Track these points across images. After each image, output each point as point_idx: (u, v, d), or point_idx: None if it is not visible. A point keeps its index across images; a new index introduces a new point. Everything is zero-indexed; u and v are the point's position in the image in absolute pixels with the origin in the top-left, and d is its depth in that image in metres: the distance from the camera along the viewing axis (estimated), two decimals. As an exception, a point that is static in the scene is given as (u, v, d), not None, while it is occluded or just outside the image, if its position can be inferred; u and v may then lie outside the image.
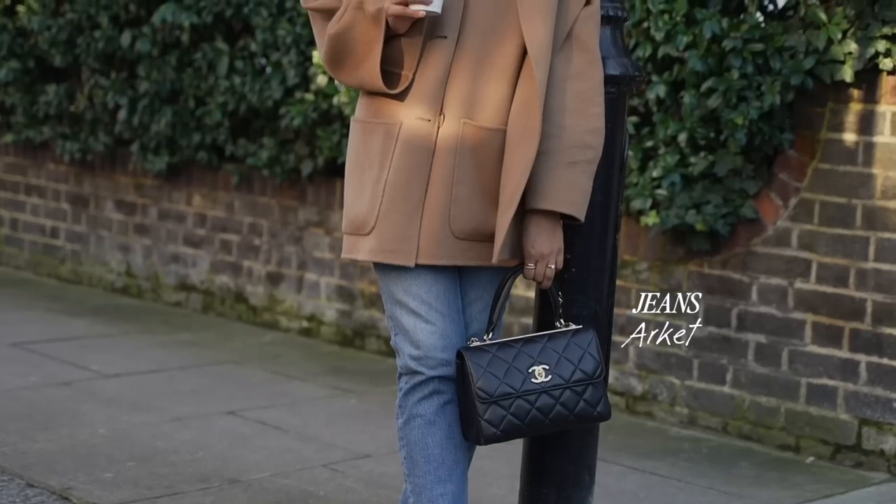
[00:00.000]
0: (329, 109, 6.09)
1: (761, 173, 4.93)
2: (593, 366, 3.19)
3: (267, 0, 6.30)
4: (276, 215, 6.66)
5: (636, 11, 4.95)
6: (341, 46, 3.17)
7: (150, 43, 6.83)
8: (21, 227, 8.10)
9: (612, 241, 3.47)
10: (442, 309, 3.18)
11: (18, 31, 7.72)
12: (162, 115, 6.84)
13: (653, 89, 4.97)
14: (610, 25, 3.42)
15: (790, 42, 4.72)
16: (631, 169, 5.12)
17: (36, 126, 7.73)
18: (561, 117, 3.12)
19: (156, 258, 7.28)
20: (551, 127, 3.11)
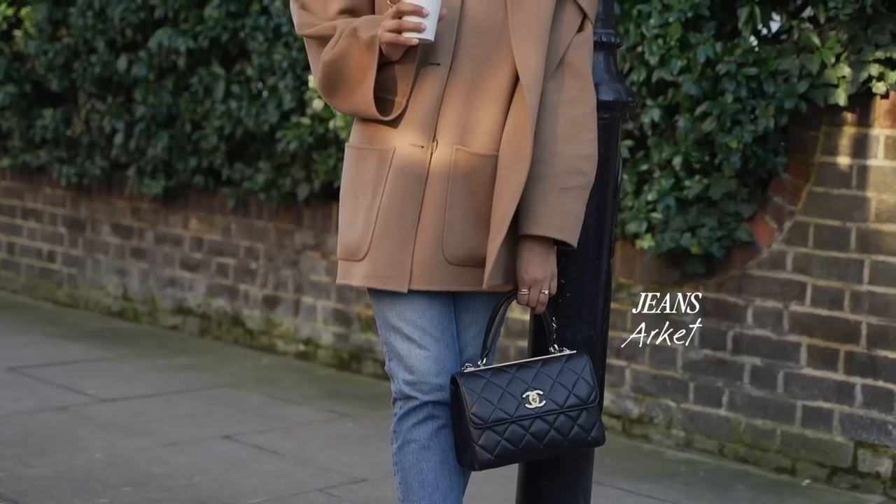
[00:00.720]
0: (325, 133, 6.11)
1: (756, 196, 4.94)
2: (587, 391, 3.19)
3: (263, 25, 6.32)
4: (272, 239, 6.67)
5: (630, 36, 4.97)
6: (335, 73, 3.18)
7: (147, 67, 6.85)
8: (18, 251, 8.11)
9: (606, 266, 3.48)
10: (436, 334, 3.19)
11: (15, 56, 7.75)
12: (158, 140, 6.85)
13: (647, 113, 4.98)
14: (603, 51, 3.44)
15: (784, 66, 4.74)
16: (626, 192, 5.13)
17: (33, 150, 7.75)
18: (553, 143, 3.13)
19: (152, 282, 7.29)
20: (544, 153, 3.12)
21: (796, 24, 4.79)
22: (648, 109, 4.98)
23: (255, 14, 6.43)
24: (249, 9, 6.51)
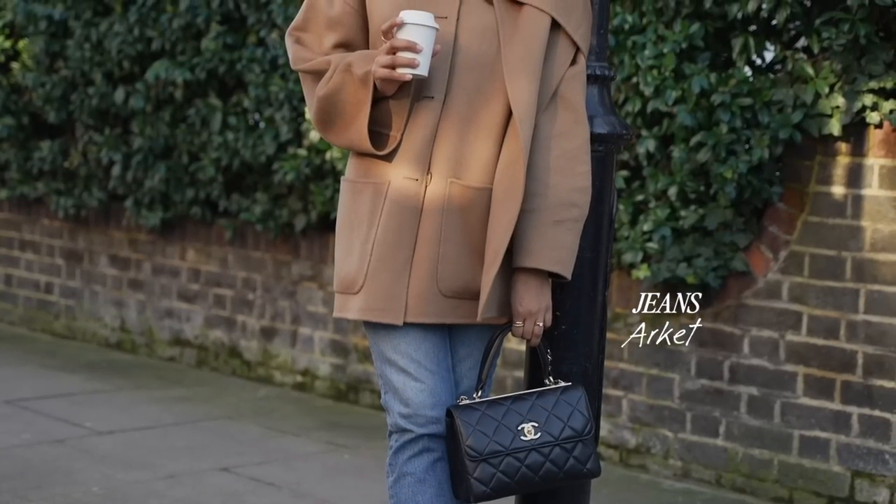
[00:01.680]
0: (322, 165, 6.13)
1: (751, 226, 4.96)
2: (582, 423, 3.20)
3: (260, 57, 6.34)
4: (269, 270, 6.68)
5: (625, 67, 4.99)
6: (330, 108, 3.20)
7: (144, 99, 6.87)
8: (15, 282, 8.12)
9: (601, 298, 3.49)
10: (431, 367, 3.19)
11: (13, 88, 7.77)
12: (156, 171, 6.87)
13: (642, 144, 5.00)
14: (597, 84, 3.46)
15: (778, 96, 4.76)
16: (622, 222, 5.14)
17: (30, 182, 7.76)
18: (546, 176, 3.15)
19: (150, 313, 7.29)
20: (537, 186, 3.14)
21: (790, 54, 4.81)
22: (643, 140, 5.00)
23: (251, 46, 6.46)
24: (246, 41, 6.53)
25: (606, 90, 3.49)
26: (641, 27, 5.03)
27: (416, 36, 3.04)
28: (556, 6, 3.17)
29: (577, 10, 3.22)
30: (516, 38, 3.14)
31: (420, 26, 3.04)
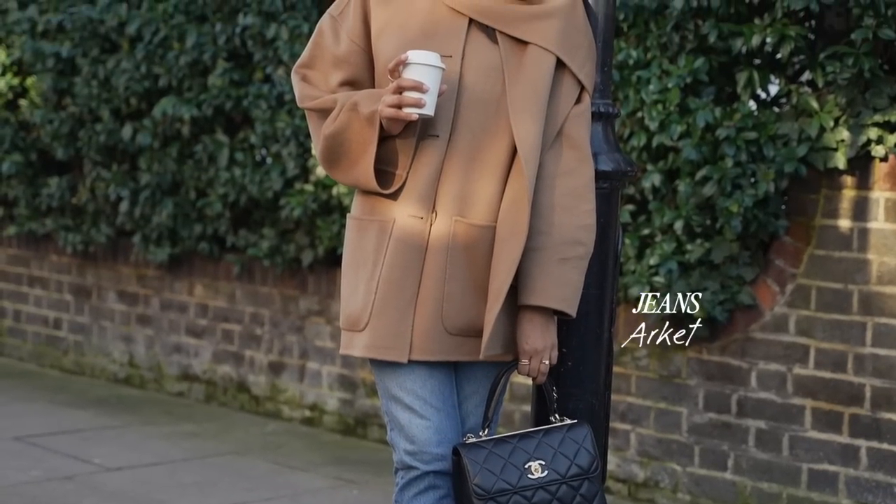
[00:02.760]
0: (328, 200, 6.14)
1: (757, 260, 4.96)
2: (589, 460, 3.20)
3: (266, 93, 6.37)
4: (277, 305, 6.69)
5: (630, 102, 5.00)
6: (336, 147, 3.22)
7: (151, 135, 6.90)
8: (24, 318, 8.13)
9: (607, 335, 3.50)
10: (437, 404, 3.20)
11: (21, 125, 7.80)
12: (163, 207, 6.89)
13: (648, 178, 5.01)
14: (601, 122, 3.48)
15: (783, 130, 4.77)
16: (628, 256, 5.15)
17: (38, 218, 7.79)
18: (551, 214, 3.16)
19: (158, 348, 7.30)
20: (542, 223, 3.15)
21: (795, 88, 4.83)
22: (649, 174, 5.01)
23: (258, 82, 6.49)
24: (252, 77, 6.56)
25: (611, 127, 3.51)
26: (646, 62, 5.05)
27: (422, 76, 3.06)
28: (561, 45, 3.19)
29: (581, 48, 3.24)
30: (521, 76, 3.16)
31: (426, 66, 3.06)
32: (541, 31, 3.18)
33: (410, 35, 3.18)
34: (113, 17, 7.02)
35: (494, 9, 3.19)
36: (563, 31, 3.20)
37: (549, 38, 3.18)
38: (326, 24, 3.31)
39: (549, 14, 3.20)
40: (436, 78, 3.07)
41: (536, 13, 3.19)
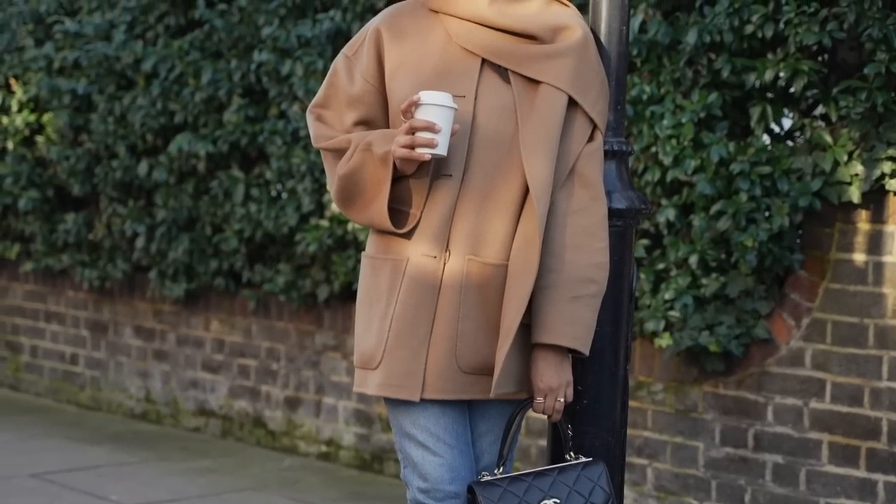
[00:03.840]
0: (344, 235, 6.16)
1: (773, 294, 4.96)
2: (604, 498, 3.21)
3: (281, 129, 6.40)
4: (293, 340, 6.70)
5: (644, 137, 5.01)
6: (351, 186, 3.24)
7: (167, 171, 6.92)
8: (41, 353, 8.15)
9: (623, 372, 3.50)
10: (450, 441, 3.21)
11: (37, 161, 7.84)
12: (179, 243, 6.91)
13: (662, 213, 5.02)
14: (615, 160, 3.48)
15: (797, 164, 4.77)
16: (643, 291, 5.15)
17: (55, 254, 7.81)
18: (563, 252, 3.17)
19: (174, 384, 7.31)
20: (554, 262, 3.16)
21: (808, 122, 4.83)
22: (663, 209, 5.02)
23: (273, 118, 6.52)
24: (267, 113, 6.59)
25: (624, 165, 3.52)
26: (659, 97, 5.06)
27: (434, 116, 3.08)
28: (574, 84, 3.21)
29: (594, 87, 3.26)
30: (533, 115, 3.18)
31: (438, 106, 3.08)
32: (553, 71, 3.20)
33: (423, 75, 3.21)
34: (129, 54, 7.06)
35: (506, 48, 3.22)
36: (575, 70, 3.22)
37: (562, 77, 3.20)
38: (341, 64, 3.34)
39: (561, 53, 3.22)
40: (448, 118, 3.09)
41: (548, 52, 3.22)
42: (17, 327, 8.33)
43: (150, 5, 7.09)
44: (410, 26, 3.28)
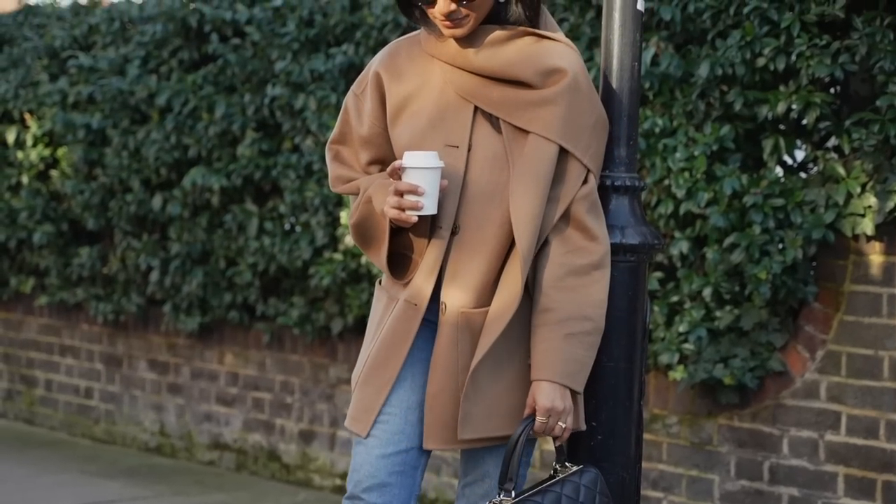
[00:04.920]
0: (357, 269, 6.17)
1: (787, 326, 4.95)
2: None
3: (294, 163, 6.41)
4: (307, 373, 6.70)
5: (657, 170, 5.01)
6: (361, 233, 3.38)
7: (181, 205, 6.94)
8: (55, 387, 8.17)
9: (637, 407, 3.50)
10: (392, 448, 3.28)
11: (52, 196, 7.87)
12: (193, 276, 6.93)
13: (675, 245, 5.01)
14: (628, 195, 3.49)
15: (810, 196, 4.77)
16: (657, 324, 5.14)
17: (69, 288, 7.83)
18: (556, 292, 3.20)
19: (189, 417, 7.31)
20: (548, 301, 3.20)
21: (821, 154, 4.83)
22: (676, 241, 5.01)
23: (286, 152, 6.54)
24: (281, 147, 6.61)
25: (637, 201, 3.52)
26: (672, 130, 5.06)
27: (418, 178, 3.13)
28: (563, 132, 3.20)
29: (586, 129, 3.24)
30: (523, 165, 3.19)
31: (422, 169, 3.12)
32: (541, 120, 3.19)
33: (420, 124, 3.24)
34: (143, 89, 7.09)
35: (497, 96, 3.21)
36: (564, 117, 3.20)
37: (550, 126, 3.19)
38: (350, 103, 3.37)
39: (549, 101, 3.19)
40: (433, 178, 3.13)
41: (536, 100, 3.19)
42: (31, 361, 8.35)
43: (163, 40, 7.12)
44: (409, 68, 3.30)
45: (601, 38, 3.53)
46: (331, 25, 6.38)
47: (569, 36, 5.31)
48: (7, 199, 7.98)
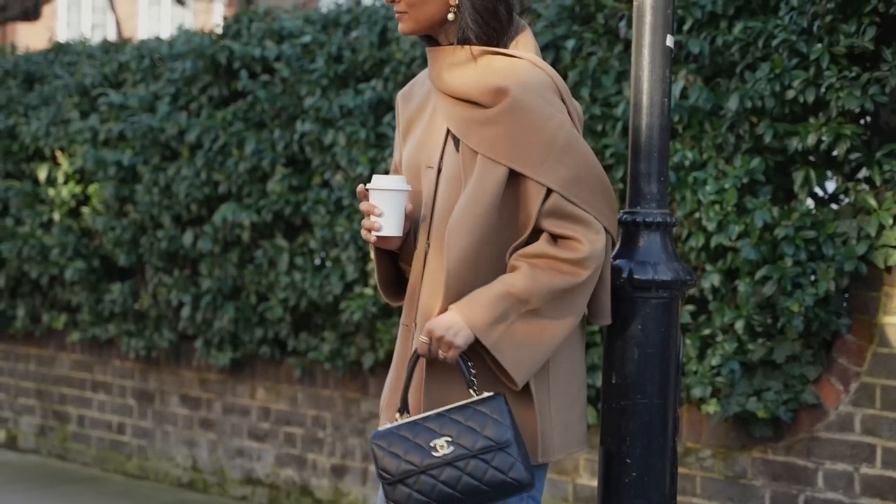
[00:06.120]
0: (388, 303, 6.16)
1: (820, 358, 4.93)
2: (499, 432, 3.11)
3: (325, 198, 6.43)
4: (339, 408, 6.70)
5: (687, 203, 5.01)
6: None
7: (212, 241, 6.97)
8: (88, 423, 8.19)
9: (671, 444, 3.49)
10: None
11: (83, 232, 7.91)
12: (224, 312, 6.94)
13: (707, 278, 5.00)
14: (659, 231, 3.49)
15: (842, 228, 4.75)
16: (689, 357, 5.13)
17: (101, 324, 7.86)
18: (520, 261, 3.21)
19: (221, 452, 7.32)
20: (512, 265, 3.24)
21: (852, 186, 4.82)
22: (708, 274, 5.00)
23: (316, 188, 6.56)
24: (311, 182, 6.63)
25: (669, 236, 3.52)
26: (702, 163, 5.06)
27: (377, 199, 3.24)
28: (509, 152, 3.19)
29: (536, 148, 3.20)
30: (470, 185, 3.22)
31: (381, 190, 3.23)
32: (488, 141, 3.20)
33: (412, 147, 3.37)
34: (173, 126, 7.13)
35: (456, 116, 3.25)
36: (509, 137, 3.19)
37: (495, 146, 3.20)
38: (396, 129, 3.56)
39: (493, 121, 3.20)
40: (391, 199, 3.22)
41: (483, 120, 3.21)
42: (64, 397, 8.38)
43: (193, 77, 7.17)
44: (417, 94, 3.43)
45: (630, 74, 3.54)
46: (359, 61, 6.41)
47: (597, 70, 5.34)
48: (39, 236, 8.02)
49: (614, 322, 3.42)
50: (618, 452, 3.46)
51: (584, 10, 5.54)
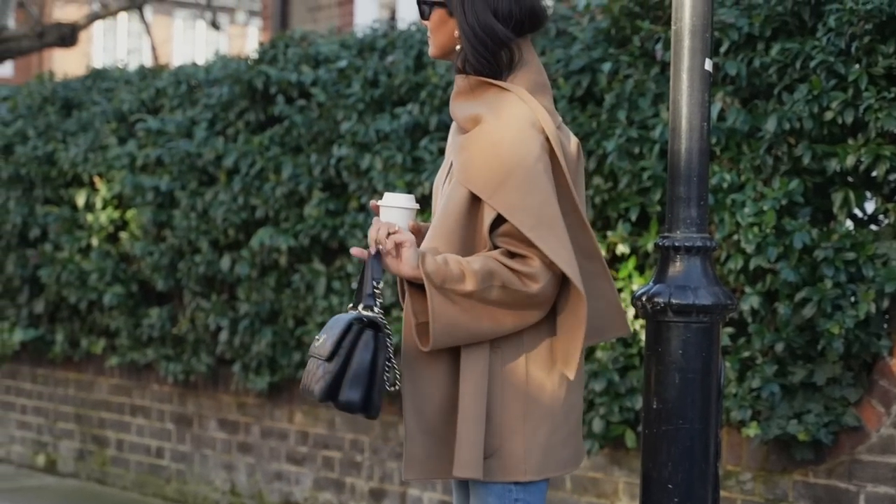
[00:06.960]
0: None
1: (861, 381, 4.90)
2: (328, 349, 3.33)
3: (361, 222, 6.45)
4: (377, 431, 6.70)
5: (725, 225, 4.99)
6: None
7: (249, 265, 6.99)
8: (127, 447, 8.22)
9: (713, 469, 3.48)
10: None
11: (122, 257, 7.95)
12: (262, 336, 6.96)
13: (746, 300, 4.98)
14: (699, 255, 3.49)
15: (881, 249, 4.73)
16: (729, 380, 5.11)
17: (140, 348, 7.89)
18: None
19: (259, 476, 7.33)
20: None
21: (891, 206, 4.79)
22: (747, 297, 4.98)
23: (353, 212, 6.57)
24: (348, 206, 6.65)
25: (709, 261, 3.51)
26: (740, 185, 5.05)
27: (386, 216, 3.36)
28: (470, 176, 3.32)
29: (494, 173, 3.29)
30: (442, 203, 3.39)
31: (387, 207, 3.36)
32: (458, 164, 3.36)
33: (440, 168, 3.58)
34: (210, 151, 7.17)
35: (452, 140, 3.48)
36: (473, 164, 3.31)
37: (463, 170, 3.32)
38: None
39: (464, 146, 3.36)
40: (399, 217, 3.34)
41: (458, 145, 3.39)
42: (103, 421, 8.41)
43: (230, 102, 7.20)
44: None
45: (669, 97, 3.54)
46: (395, 85, 6.43)
47: (633, 92, 5.34)
48: (77, 262, 8.07)
49: (654, 346, 3.42)
50: (659, 478, 3.45)
51: (620, 33, 5.54)
